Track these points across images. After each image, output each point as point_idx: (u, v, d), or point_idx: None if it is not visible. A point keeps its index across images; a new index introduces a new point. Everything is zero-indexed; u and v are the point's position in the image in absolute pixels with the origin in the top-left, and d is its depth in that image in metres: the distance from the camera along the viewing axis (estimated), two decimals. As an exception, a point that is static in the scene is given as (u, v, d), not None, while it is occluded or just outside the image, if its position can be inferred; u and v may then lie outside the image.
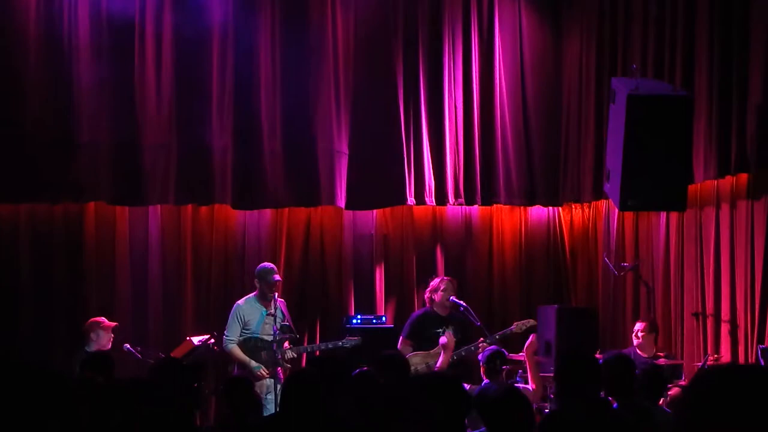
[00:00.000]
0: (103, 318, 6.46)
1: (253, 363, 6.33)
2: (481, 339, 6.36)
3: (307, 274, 7.69)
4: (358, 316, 7.37)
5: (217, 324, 6.91)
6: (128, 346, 6.52)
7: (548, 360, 6.26)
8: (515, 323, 6.56)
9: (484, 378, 5.33)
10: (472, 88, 7.51)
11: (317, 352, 6.60)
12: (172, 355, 6.27)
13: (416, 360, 6.35)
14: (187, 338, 6.56)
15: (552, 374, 4.97)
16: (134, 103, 6.97)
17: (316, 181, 7.41)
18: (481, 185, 7.67)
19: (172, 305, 7.38)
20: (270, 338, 6.26)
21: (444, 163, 7.54)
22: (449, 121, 7.52)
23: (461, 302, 6.65)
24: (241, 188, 7.34)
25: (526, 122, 7.66)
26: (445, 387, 2.37)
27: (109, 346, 6.26)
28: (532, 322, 6.49)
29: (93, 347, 6.20)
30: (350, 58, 7.33)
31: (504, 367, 5.67)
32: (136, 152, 7.09)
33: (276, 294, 6.46)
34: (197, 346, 6.44)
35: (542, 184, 7.78)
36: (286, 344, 6.39)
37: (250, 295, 6.57)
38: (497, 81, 7.51)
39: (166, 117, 7.10)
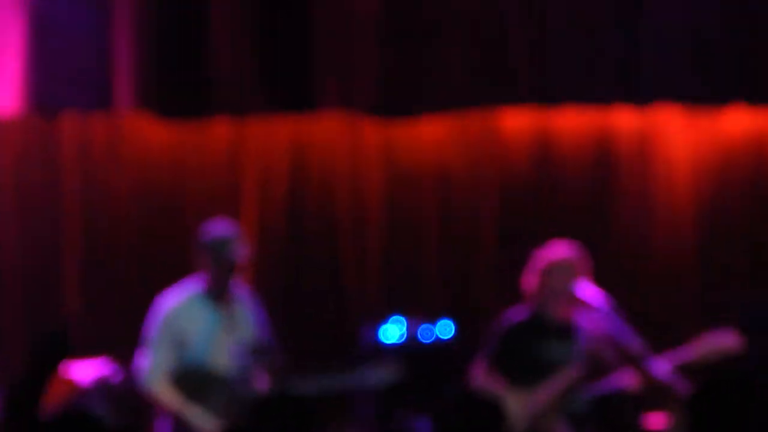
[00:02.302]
0: None
1: (196, 412, 5.98)
2: (636, 368, 6.18)
3: (299, 241, 7.53)
4: (399, 322, 7.06)
5: (124, 339, 6.72)
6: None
7: None
8: (700, 339, 6.12)
9: None
10: None
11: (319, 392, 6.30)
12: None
13: (509, 403, 6.01)
14: (62, 375, 6.12)
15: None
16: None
17: (310, 62, 7.22)
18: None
19: (38, 300, 7.23)
20: (228, 366, 6.00)
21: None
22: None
23: (597, 294, 6.20)
24: (165, 82, 7.18)
25: None
26: None
27: None
28: (731, 339, 6.11)
29: None
30: None
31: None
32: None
33: (238, 283, 6.13)
34: (87, 388, 6.24)
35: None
36: (260, 377, 6.10)
37: (189, 285, 6.16)
38: None
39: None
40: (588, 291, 6.21)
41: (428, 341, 7.16)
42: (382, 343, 7.05)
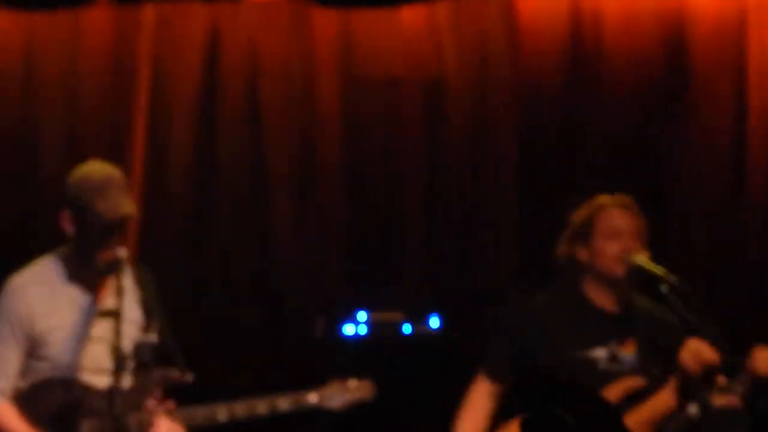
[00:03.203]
0: None
1: None
2: (723, 378, 5.47)
3: (214, 190, 7.00)
4: (363, 317, 6.85)
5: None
6: None
7: None
8: None
9: None
10: None
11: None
12: None
13: None
14: None
15: None
16: None
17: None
18: None
19: None
20: (102, 379, 5.26)
21: None
22: None
23: (659, 269, 5.44)
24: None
25: None
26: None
27: None
28: None
29: None
30: None
31: None
32: None
33: (119, 253, 5.21)
34: None
35: None
36: (154, 399, 5.34)
37: (48, 260, 5.43)
38: None
39: None
40: (646, 264, 5.27)
41: (407, 342, 6.77)
42: (341, 341, 6.66)
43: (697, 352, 5.34)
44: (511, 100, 7.20)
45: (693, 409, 5.34)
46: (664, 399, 5.39)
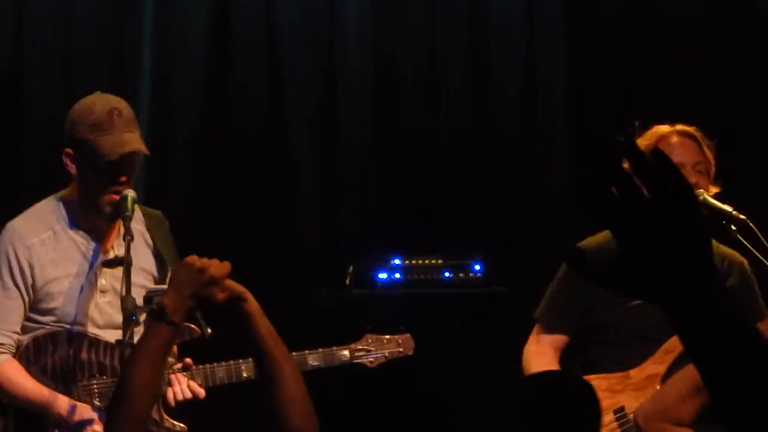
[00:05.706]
0: None
1: (63, 401, 5.31)
2: None
3: (230, 130, 6.79)
4: (396, 261, 6.67)
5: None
6: None
7: None
8: None
9: None
10: None
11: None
12: None
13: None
14: None
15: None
16: None
17: None
18: None
19: None
20: (111, 333, 5.37)
21: None
22: None
23: (728, 212, 5.24)
24: None
25: None
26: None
27: None
28: None
29: None
30: None
31: None
32: None
33: (129, 194, 5.20)
34: None
35: None
36: (170, 356, 5.23)
37: (47, 203, 5.44)
38: None
39: None
40: (711, 202, 5.07)
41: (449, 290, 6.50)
42: (373, 289, 6.43)
43: None
44: (562, 16, 6.90)
45: None
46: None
